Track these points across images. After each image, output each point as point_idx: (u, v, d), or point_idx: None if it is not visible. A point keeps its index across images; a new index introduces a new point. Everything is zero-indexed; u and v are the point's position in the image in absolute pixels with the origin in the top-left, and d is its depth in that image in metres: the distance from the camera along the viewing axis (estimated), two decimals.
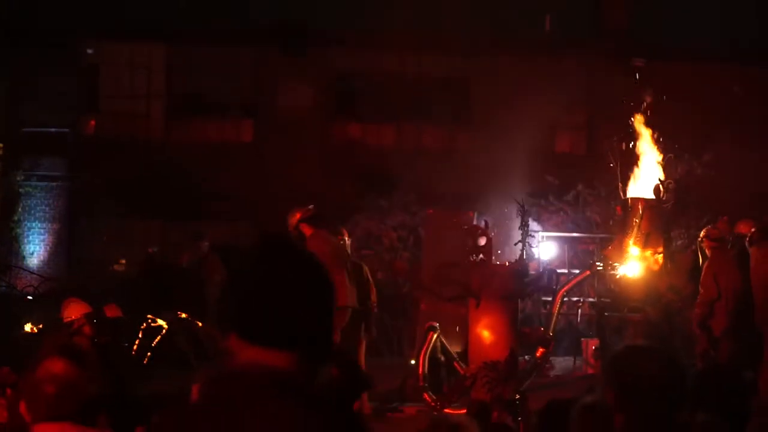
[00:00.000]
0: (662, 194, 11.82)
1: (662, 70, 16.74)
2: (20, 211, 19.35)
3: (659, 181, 11.97)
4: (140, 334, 11.17)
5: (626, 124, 12.55)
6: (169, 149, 19.35)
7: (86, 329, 7.33)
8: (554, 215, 16.87)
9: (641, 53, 17.21)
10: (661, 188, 11.80)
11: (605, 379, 3.59)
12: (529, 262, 11.53)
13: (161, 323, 11.46)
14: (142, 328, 11.25)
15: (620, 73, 15.85)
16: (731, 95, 18.29)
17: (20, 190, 19.35)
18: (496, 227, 12.95)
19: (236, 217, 18.16)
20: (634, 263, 11.45)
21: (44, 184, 19.63)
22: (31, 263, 19.14)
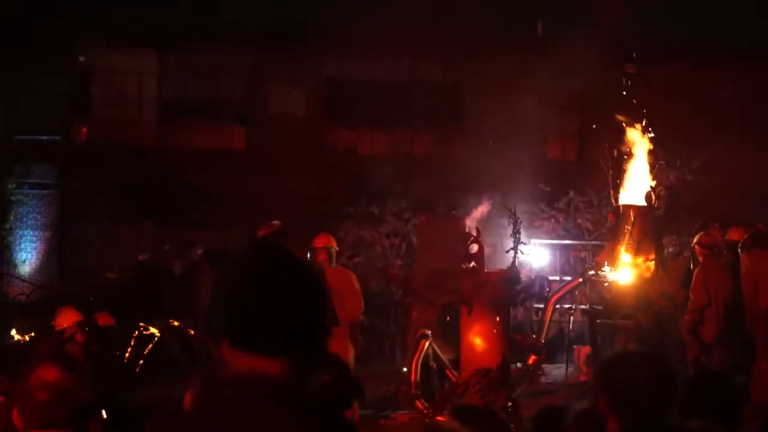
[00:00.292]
0: (654, 201, 11.81)
1: (654, 74, 16.75)
2: (12, 218, 19.27)
3: (651, 188, 11.97)
4: (132, 341, 11.15)
5: (618, 131, 12.54)
6: (161, 156, 19.32)
7: (78, 337, 7.33)
8: (546, 222, 16.89)
9: (634, 59, 17.23)
10: (652, 195, 11.79)
11: (597, 385, 3.59)
12: (521, 269, 11.52)
13: (153, 331, 11.44)
14: (134, 335, 11.23)
15: (612, 80, 15.87)
16: (723, 98, 18.30)
17: (12, 197, 19.28)
18: (488, 235, 12.94)
19: (228, 223, 18.12)
20: (626, 270, 11.44)
21: (36, 191, 19.56)
22: (23, 271, 19.07)
